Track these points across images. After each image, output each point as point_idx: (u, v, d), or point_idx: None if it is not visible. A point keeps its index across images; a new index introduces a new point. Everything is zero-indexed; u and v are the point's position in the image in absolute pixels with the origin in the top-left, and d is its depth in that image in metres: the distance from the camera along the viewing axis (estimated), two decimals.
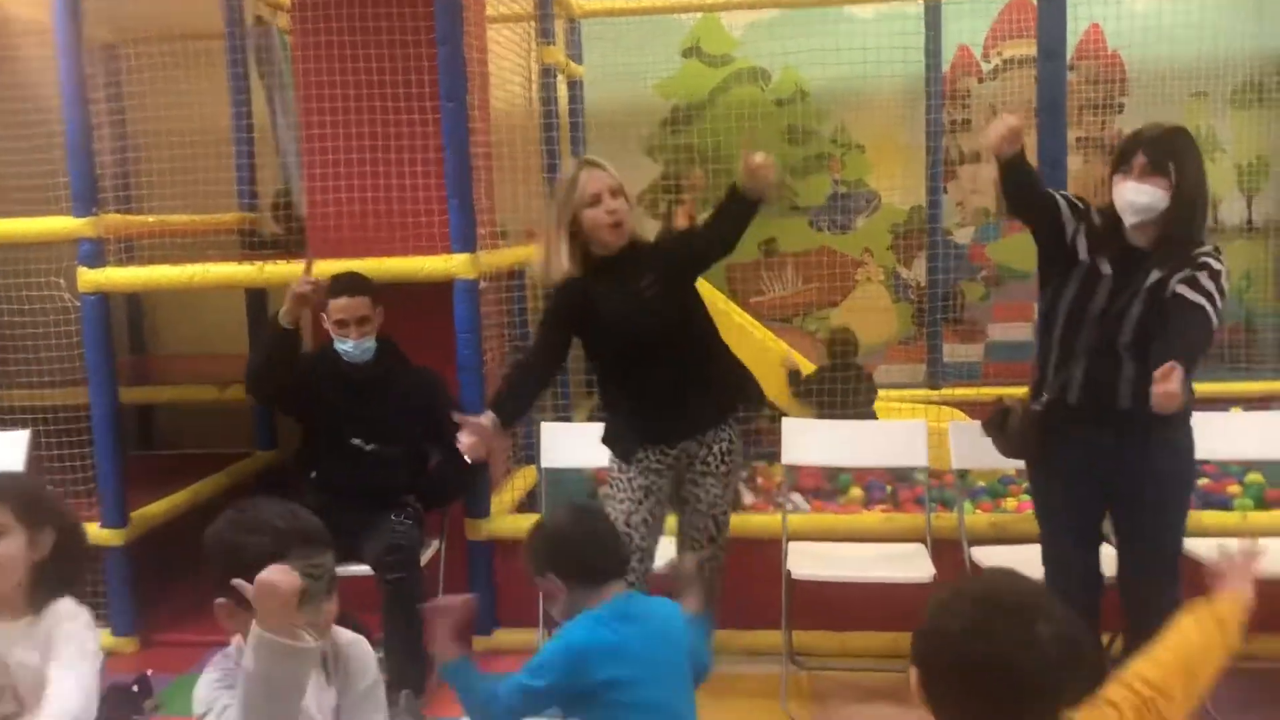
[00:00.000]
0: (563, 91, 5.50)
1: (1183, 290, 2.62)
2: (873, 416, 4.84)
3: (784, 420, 3.76)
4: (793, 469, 3.74)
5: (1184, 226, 2.66)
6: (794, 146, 6.07)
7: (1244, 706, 2.98)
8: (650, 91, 6.09)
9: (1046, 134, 3.53)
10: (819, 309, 6.22)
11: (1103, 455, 2.72)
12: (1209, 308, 2.60)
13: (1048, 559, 2.87)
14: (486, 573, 3.89)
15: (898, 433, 3.68)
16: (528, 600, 3.58)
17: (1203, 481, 4.49)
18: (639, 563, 2.94)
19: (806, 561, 3.41)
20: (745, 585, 3.68)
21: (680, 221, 6.13)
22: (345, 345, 3.45)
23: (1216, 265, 2.65)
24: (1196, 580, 1.98)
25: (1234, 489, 4.39)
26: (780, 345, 5.32)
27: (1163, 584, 2.70)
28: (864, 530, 3.69)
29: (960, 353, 6.01)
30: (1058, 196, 2.82)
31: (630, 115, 5.86)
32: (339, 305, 3.42)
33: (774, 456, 4.02)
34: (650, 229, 4.45)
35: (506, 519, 3.93)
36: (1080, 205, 2.81)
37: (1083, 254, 2.75)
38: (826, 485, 4.75)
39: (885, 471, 4.60)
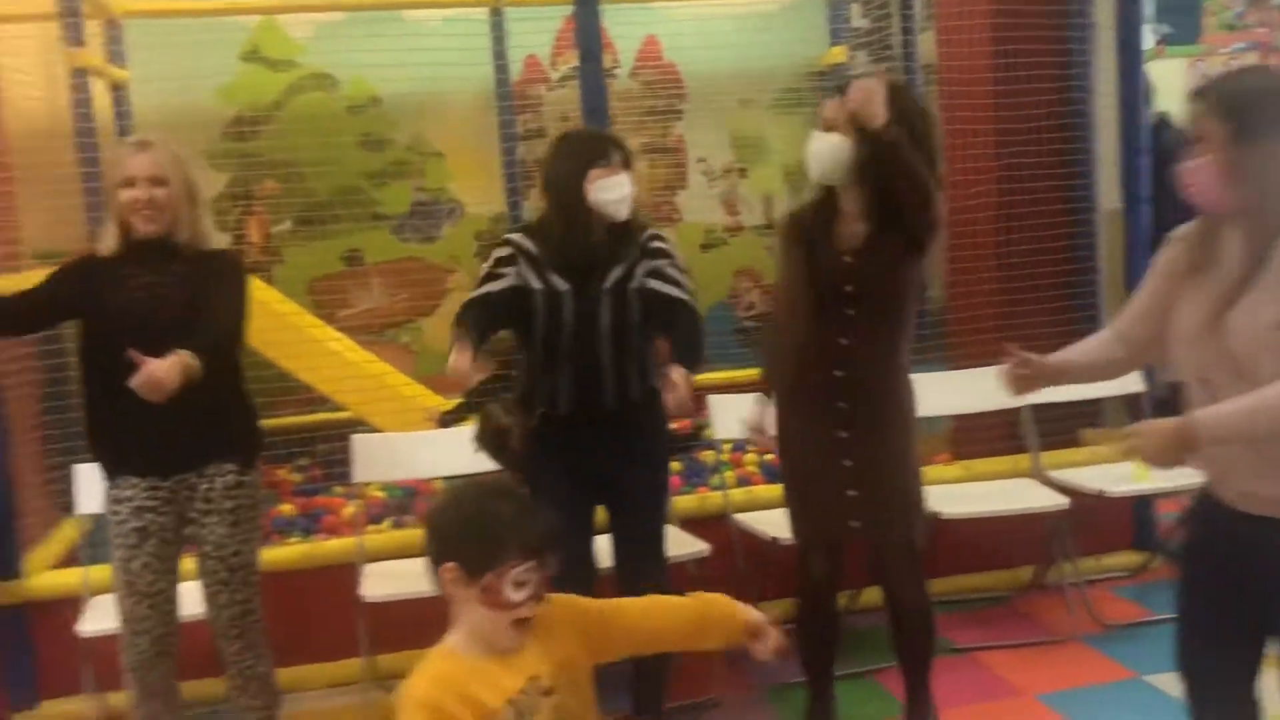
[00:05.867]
0: (105, 98, 5.02)
1: (655, 285, 2.80)
2: None
3: (354, 437, 3.62)
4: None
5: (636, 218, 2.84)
6: (370, 154, 5.91)
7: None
8: (209, 97, 5.68)
9: None
10: (410, 320, 6.10)
11: (590, 451, 2.84)
12: (684, 296, 2.80)
13: None
14: (22, 641, 3.43)
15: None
16: (75, 666, 3.23)
17: (769, 457, 4.87)
18: (150, 609, 2.72)
19: (381, 583, 3.29)
20: (325, 615, 3.52)
21: (252, 232, 5.81)
22: None
23: (668, 247, 2.86)
24: None
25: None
26: (419, 390, 5.02)
27: (649, 561, 2.92)
28: None
29: None
30: (498, 286, 2.82)
31: (187, 123, 5.43)
32: None
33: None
34: (221, 241, 4.13)
35: (44, 577, 3.49)
36: (509, 250, 2.85)
37: (534, 283, 2.81)
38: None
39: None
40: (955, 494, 3.74)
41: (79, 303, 2.71)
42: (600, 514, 2.99)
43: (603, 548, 2.98)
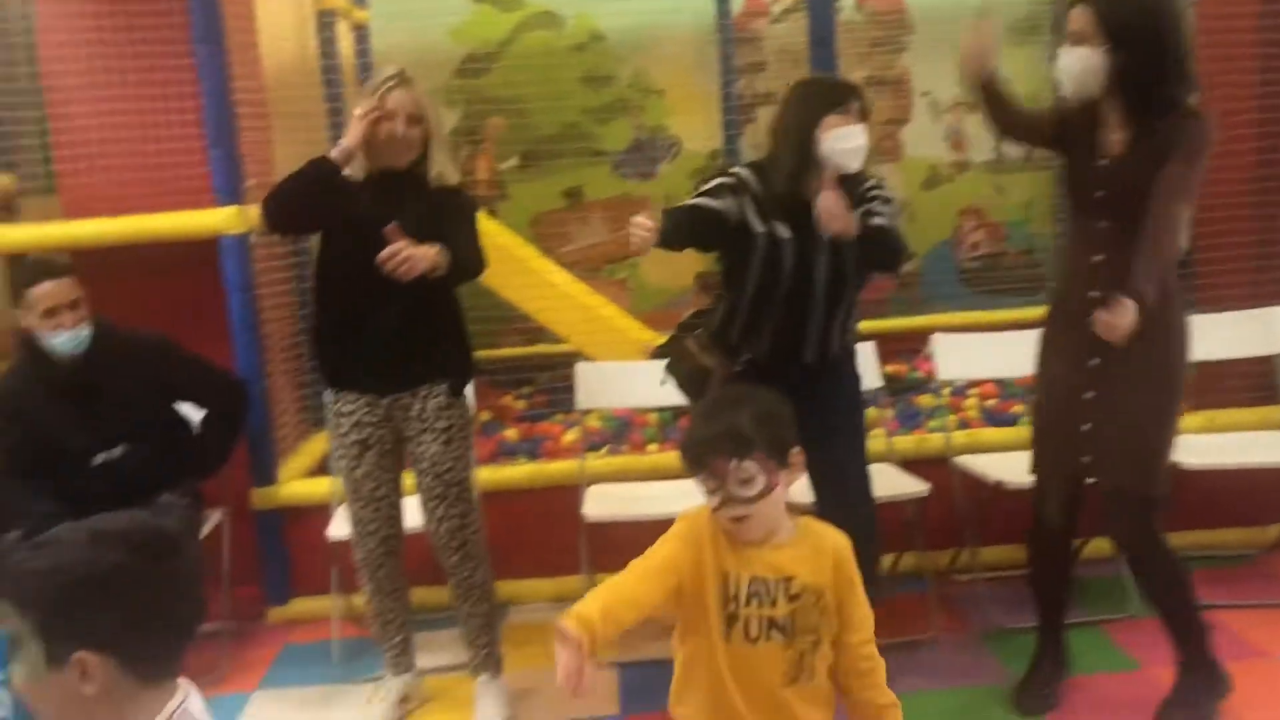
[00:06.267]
0: (347, 39, 5.30)
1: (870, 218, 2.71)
2: None
3: (578, 366, 3.72)
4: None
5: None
6: (592, 92, 6.00)
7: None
8: (443, 37, 5.90)
9: (817, 69, 3.57)
10: (627, 257, 6.19)
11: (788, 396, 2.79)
12: (885, 223, 2.71)
13: None
14: (278, 543, 3.74)
15: None
16: (323, 568, 3.48)
17: (990, 403, 4.74)
18: (375, 513, 2.92)
19: (602, 504, 3.40)
20: (547, 533, 3.67)
21: (480, 168, 6.02)
22: (60, 338, 3.03)
23: (886, 193, 2.79)
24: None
25: (1018, 408, 4.60)
26: (632, 324, 5.11)
27: (857, 500, 2.86)
28: (662, 469, 3.68)
29: None
30: (712, 203, 2.76)
31: (423, 61, 5.65)
32: (44, 292, 3.00)
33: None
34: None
35: (297, 485, 3.77)
36: (735, 180, 2.79)
37: (757, 225, 2.75)
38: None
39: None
40: (1198, 445, 3.51)
41: (326, 218, 2.84)
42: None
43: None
